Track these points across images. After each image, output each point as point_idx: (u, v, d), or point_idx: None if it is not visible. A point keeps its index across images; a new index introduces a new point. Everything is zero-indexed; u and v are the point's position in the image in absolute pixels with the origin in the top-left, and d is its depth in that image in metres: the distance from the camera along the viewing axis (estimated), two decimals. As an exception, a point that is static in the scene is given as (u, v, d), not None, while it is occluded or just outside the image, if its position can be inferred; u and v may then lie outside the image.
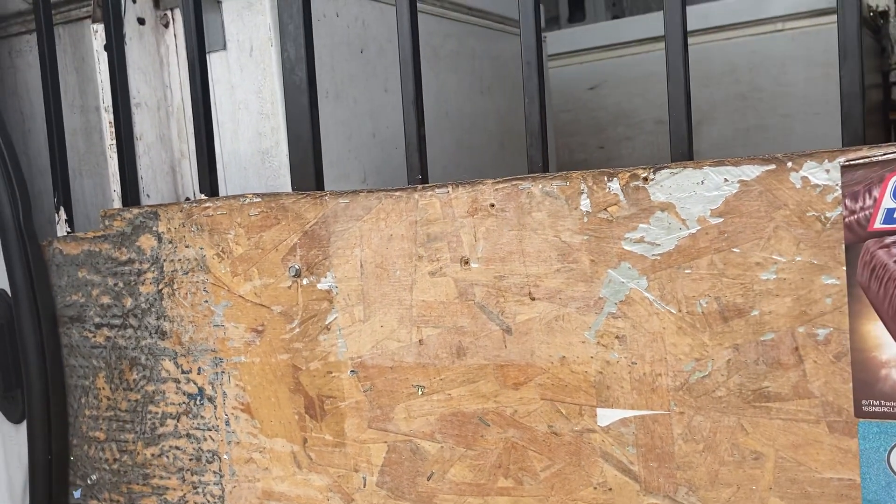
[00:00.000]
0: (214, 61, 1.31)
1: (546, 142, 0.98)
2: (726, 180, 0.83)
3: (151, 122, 1.33)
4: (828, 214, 0.79)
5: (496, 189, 0.96)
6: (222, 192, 1.33)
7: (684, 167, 0.85)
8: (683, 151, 0.88)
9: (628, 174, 0.88)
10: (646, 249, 0.88)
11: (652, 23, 2.60)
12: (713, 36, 2.51)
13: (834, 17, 2.47)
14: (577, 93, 2.75)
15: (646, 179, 0.87)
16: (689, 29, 2.58)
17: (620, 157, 2.74)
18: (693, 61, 2.60)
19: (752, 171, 0.82)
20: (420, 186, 1.00)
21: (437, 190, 0.99)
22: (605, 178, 0.89)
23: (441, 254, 0.99)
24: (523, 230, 0.94)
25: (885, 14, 3.18)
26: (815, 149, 0.80)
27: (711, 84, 2.50)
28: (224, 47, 1.30)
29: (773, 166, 0.81)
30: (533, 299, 0.94)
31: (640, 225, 0.88)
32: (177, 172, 1.36)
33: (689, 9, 2.64)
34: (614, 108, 2.71)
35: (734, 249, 0.83)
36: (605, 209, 0.90)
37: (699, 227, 0.85)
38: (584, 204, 0.91)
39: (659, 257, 0.87)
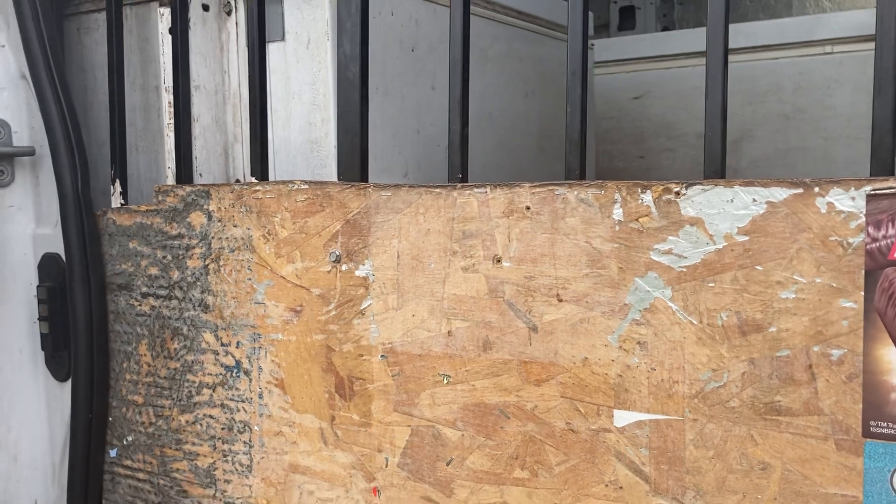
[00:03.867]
0: (272, 51, 1.37)
1: (584, 150, 1.02)
2: (755, 200, 0.86)
3: (208, 105, 1.39)
4: (850, 240, 0.82)
5: (533, 192, 1.00)
6: (271, 177, 1.39)
7: (715, 185, 0.88)
8: (716, 169, 0.92)
9: (661, 188, 0.92)
10: (673, 261, 0.91)
11: (700, 37, 2.61)
12: (760, 55, 2.52)
13: (883, 44, 2.43)
14: (622, 101, 2.77)
15: (678, 194, 0.91)
16: (736, 46, 2.59)
17: (660, 167, 2.76)
18: (738, 79, 2.63)
19: (779, 194, 0.85)
20: (459, 185, 1.05)
21: (475, 189, 1.03)
22: (639, 190, 0.93)
23: (475, 251, 1.03)
24: (556, 234, 0.98)
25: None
26: (842, 176, 0.83)
27: (755, 102, 2.51)
28: (283, 38, 1.36)
29: (800, 190, 0.84)
30: (560, 301, 0.98)
31: (670, 237, 0.91)
32: (229, 155, 1.42)
33: (737, 26, 2.64)
34: (657, 119, 2.73)
35: (757, 267, 0.87)
36: (637, 220, 0.93)
37: (725, 244, 0.88)
38: (617, 213, 0.94)
39: (685, 269, 0.91)
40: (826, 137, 2.44)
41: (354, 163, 1.16)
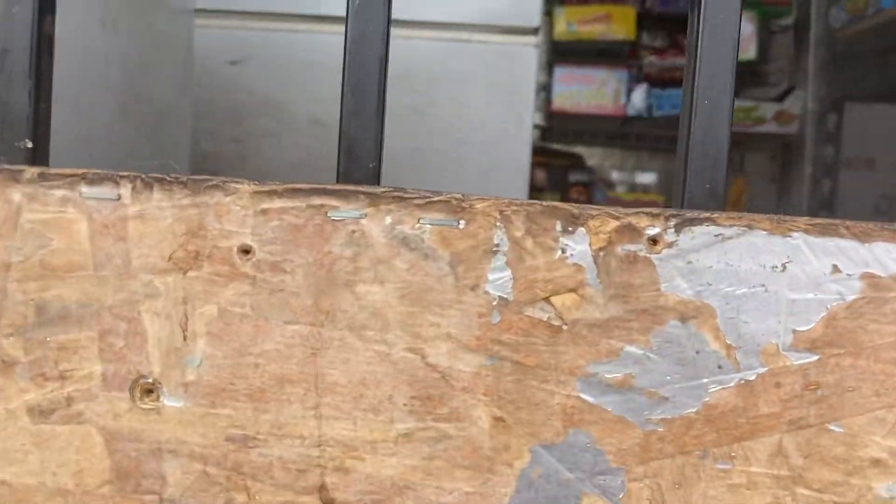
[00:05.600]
0: None
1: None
2: (836, 269, 0.36)
3: None
4: None
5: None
6: None
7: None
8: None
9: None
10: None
11: (321, -3, 2.10)
12: (393, 31, 2.10)
13: (523, 38, 2.16)
14: (216, 65, 2.14)
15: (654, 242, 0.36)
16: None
17: (260, 155, 2.18)
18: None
19: (887, 252, 0.36)
20: None
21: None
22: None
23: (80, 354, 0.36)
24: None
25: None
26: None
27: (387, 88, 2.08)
28: None
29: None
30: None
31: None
32: None
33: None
34: (261, 95, 2.15)
35: (830, 427, 0.37)
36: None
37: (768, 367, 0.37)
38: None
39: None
40: (460, 140, 2.11)
41: None
